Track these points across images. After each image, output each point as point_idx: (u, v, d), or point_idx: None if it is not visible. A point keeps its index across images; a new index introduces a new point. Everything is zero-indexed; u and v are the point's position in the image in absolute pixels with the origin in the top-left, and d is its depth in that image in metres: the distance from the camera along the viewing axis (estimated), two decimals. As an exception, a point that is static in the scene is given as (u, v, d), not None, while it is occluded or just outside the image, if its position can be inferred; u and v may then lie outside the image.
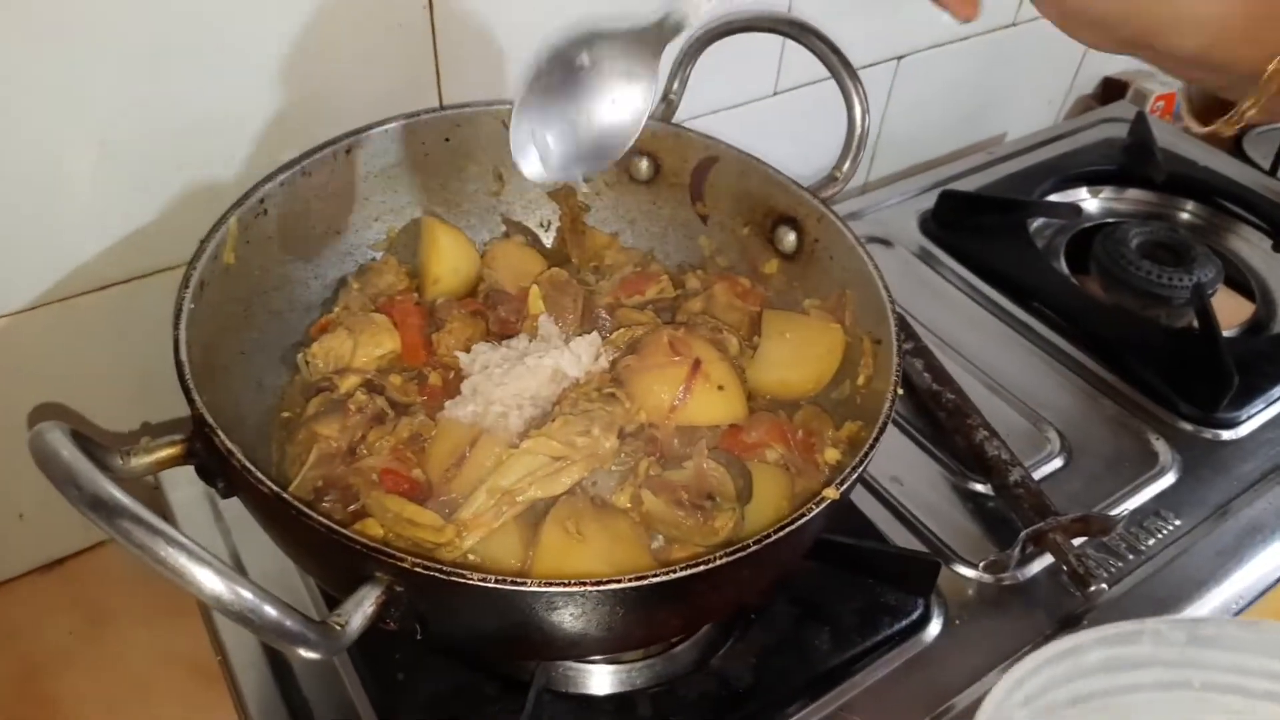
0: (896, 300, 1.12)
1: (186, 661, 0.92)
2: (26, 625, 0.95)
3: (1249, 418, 1.02)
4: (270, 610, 0.48)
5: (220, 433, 0.58)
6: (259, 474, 0.56)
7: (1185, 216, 1.35)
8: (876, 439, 0.65)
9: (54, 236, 0.81)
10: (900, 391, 0.69)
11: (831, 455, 0.76)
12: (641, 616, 0.60)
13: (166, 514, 0.88)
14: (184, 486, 0.88)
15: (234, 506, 0.80)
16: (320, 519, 0.54)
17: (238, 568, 0.83)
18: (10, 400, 0.87)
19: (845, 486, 0.62)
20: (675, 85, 0.93)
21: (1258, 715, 0.46)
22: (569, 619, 0.57)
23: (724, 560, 0.56)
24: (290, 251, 0.82)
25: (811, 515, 0.59)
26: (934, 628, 0.82)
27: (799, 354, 0.82)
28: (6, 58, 0.72)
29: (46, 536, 0.97)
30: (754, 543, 0.57)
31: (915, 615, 0.81)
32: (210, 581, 0.46)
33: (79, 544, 1.00)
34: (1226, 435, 1.01)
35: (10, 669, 0.91)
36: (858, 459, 0.64)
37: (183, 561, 0.46)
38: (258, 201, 0.77)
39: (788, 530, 0.58)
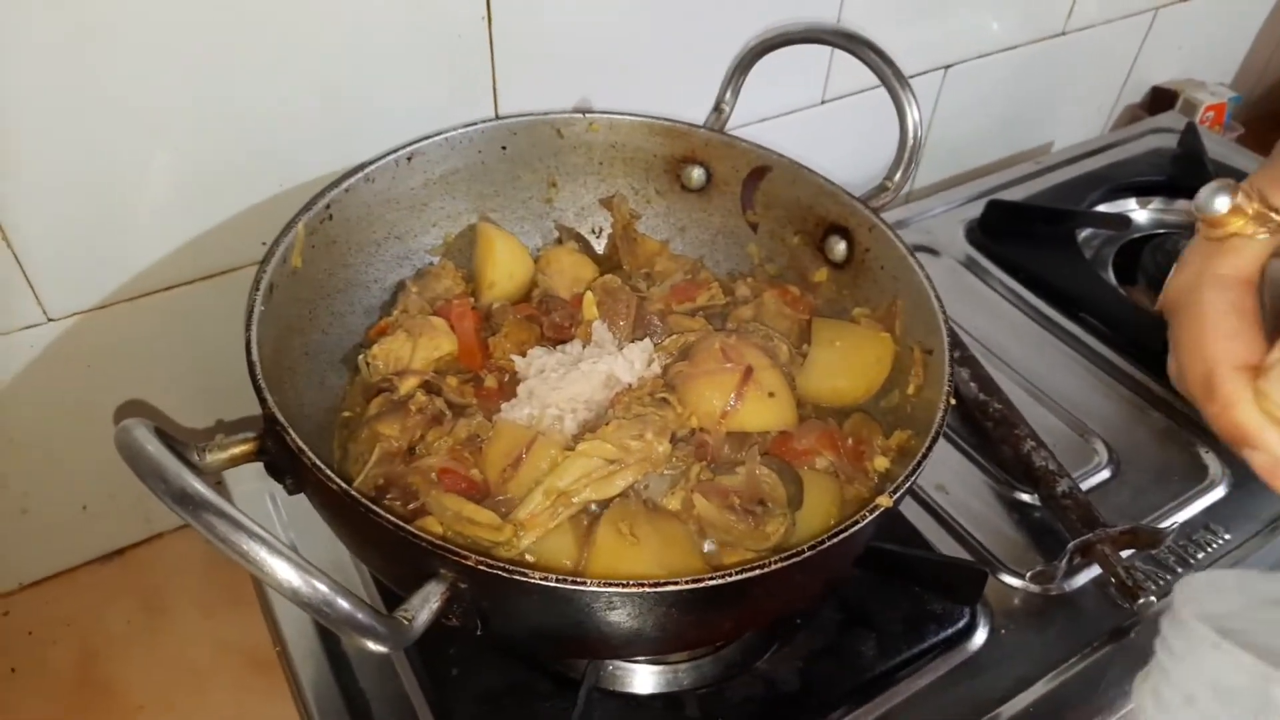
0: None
1: (241, 651, 0.94)
2: (86, 613, 0.98)
3: (1301, 431, 1.01)
4: (344, 603, 0.49)
5: (291, 431, 0.60)
6: (329, 471, 0.58)
7: (1235, 228, 1.34)
8: (930, 447, 0.66)
9: (122, 238, 0.84)
10: (953, 402, 0.69)
11: (880, 463, 0.76)
12: (694, 619, 0.61)
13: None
14: (245, 482, 0.90)
15: (290, 503, 0.83)
16: (388, 516, 0.56)
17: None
18: (76, 396, 0.90)
19: (899, 494, 0.63)
20: (728, 95, 0.95)
21: None
22: (625, 619, 0.58)
23: (778, 565, 0.57)
24: (353, 255, 0.84)
25: (865, 523, 0.60)
26: (979, 637, 0.82)
27: (849, 362, 0.83)
28: (81, 71, 0.74)
29: (107, 527, 1.00)
30: (809, 548, 0.58)
31: (961, 624, 0.82)
32: (287, 574, 0.48)
33: (138, 535, 1.03)
34: (1278, 449, 1.00)
35: (70, 655, 0.94)
36: (911, 467, 0.65)
37: (263, 555, 0.47)
38: (324, 207, 0.79)
39: (842, 536, 0.59)
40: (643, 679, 0.78)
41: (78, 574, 1.01)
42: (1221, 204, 0.55)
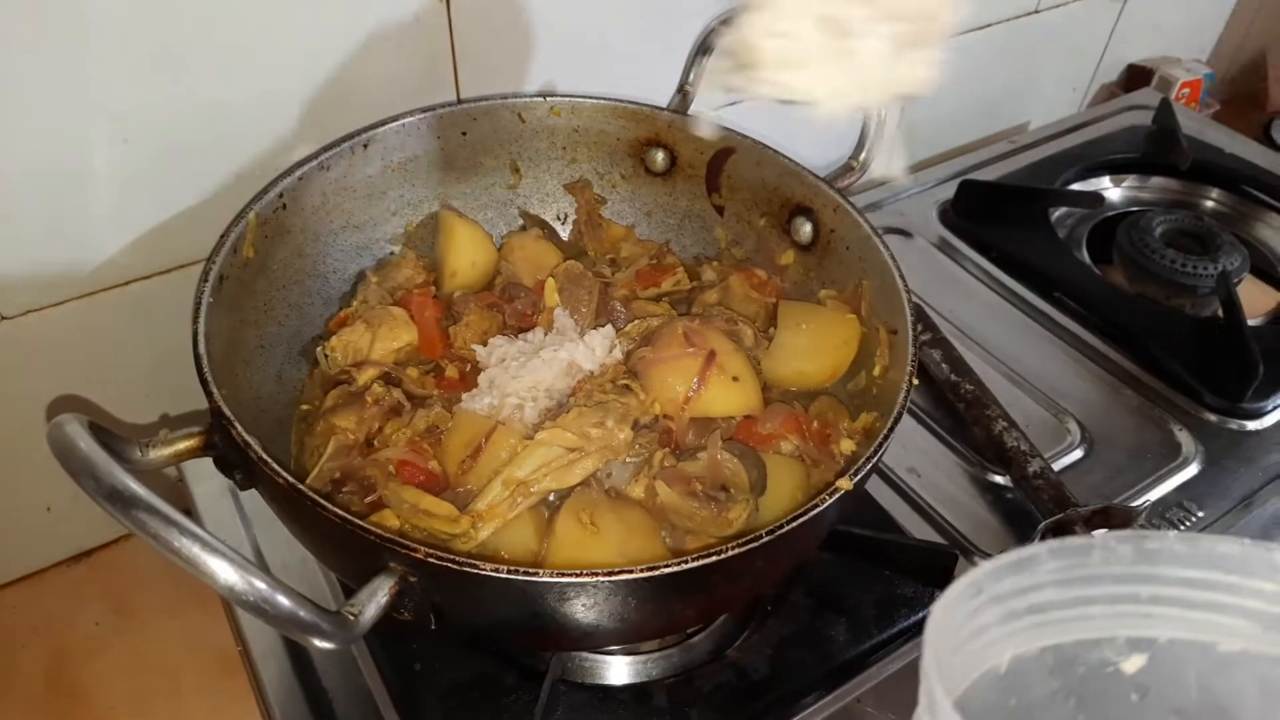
0: (915, 291, 1.12)
1: (212, 651, 0.93)
2: (56, 615, 0.97)
3: (1275, 408, 1.01)
4: (284, 600, 0.48)
5: (237, 424, 0.59)
6: (275, 465, 0.57)
7: (1210, 204, 1.33)
8: (891, 429, 0.65)
9: (77, 234, 0.83)
10: (916, 382, 0.68)
11: (847, 446, 0.75)
12: (654, 607, 0.60)
13: (190, 507, 0.89)
14: (206, 480, 0.89)
15: (256, 500, 0.81)
16: (334, 510, 0.55)
17: (259, 560, 0.84)
18: (35, 395, 0.89)
19: (859, 477, 0.62)
20: (690, 77, 0.93)
21: (1198, 624, 0.47)
22: (581, 609, 0.57)
23: (736, 551, 0.56)
24: (309, 245, 0.83)
25: (824, 507, 0.60)
26: (952, 620, 0.81)
27: (815, 345, 0.82)
28: (28, 60, 0.73)
29: (74, 528, 0.99)
30: (766, 533, 0.57)
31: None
32: (225, 572, 0.47)
33: (106, 536, 1.02)
34: (1252, 425, 1.00)
35: (39, 658, 0.94)
36: (872, 449, 0.64)
37: (197, 552, 0.46)
38: (276, 196, 0.78)
39: (800, 521, 0.58)
40: (610, 670, 0.77)
41: (45, 576, 1.00)
42: None
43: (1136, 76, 1.65)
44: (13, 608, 0.97)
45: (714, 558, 0.56)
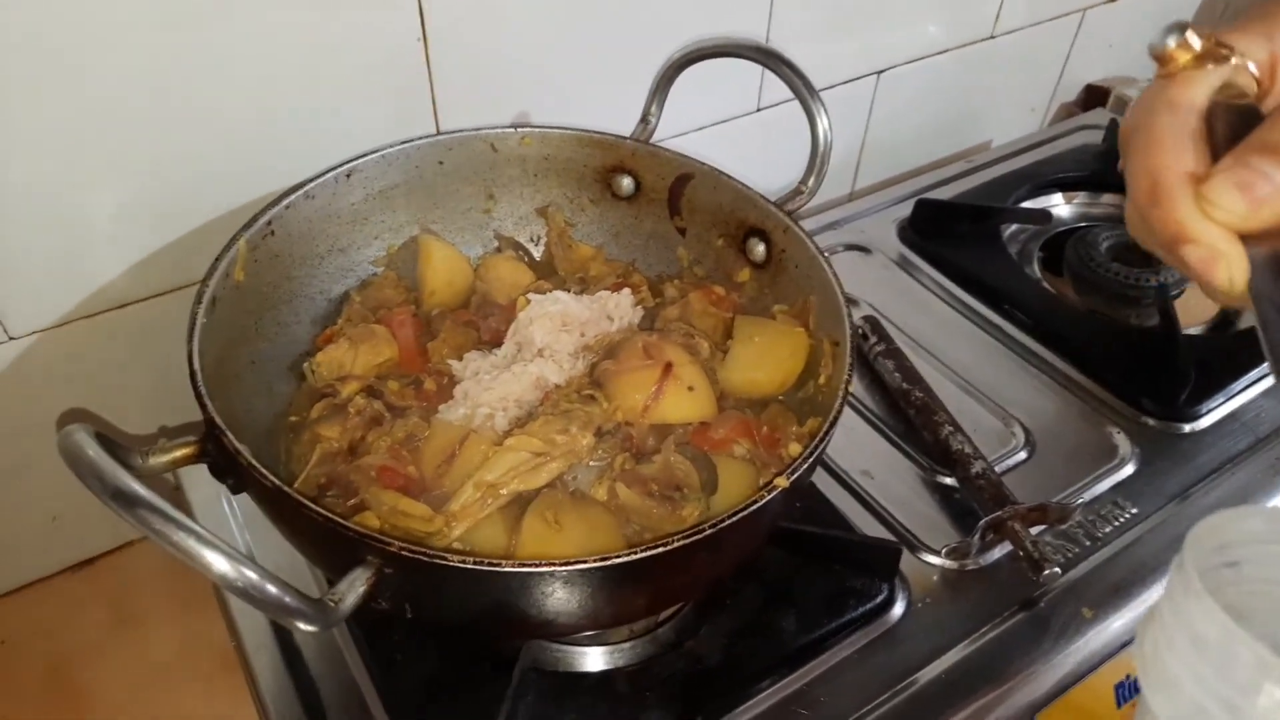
0: (873, 304, 1.18)
1: (210, 656, 0.97)
2: (58, 621, 1.01)
3: (1208, 411, 1.06)
4: (271, 588, 0.54)
5: (229, 433, 0.65)
6: (263, 469, 0.63)
7: (1157, 219, 1.39)
8: (828, 432, 0.71)
9: (78, 263, 0.88)
10: (850, 389, 0.74)
11: (795, 449, 0.81)
12: (609, 595, 0.66)
13: (187, 511, 0.94)
14: (202, 486, 0.95)
15: (248, 505, 0.87)
16: (316, 508, 0.61)
17: (251, 561, 0.89)
18: (42, 409, 0.95)
19: (795, 475, 0.68)
20: (653, 108, 0.99)
21: None
22: (541, 598, 0.63)
23: (680, 543, 0.62)
24: (296, 269, 0.89)
25: (763, 502, 0.65)
26: (898, 610, 0.87)
27: (766, 356, 0.88)
28: (33, 108, 0.79)
29: (78, 537, 1.04)
30: (709, 527, 0.63)
31: (880, 599, 0.87)
32: (218, 562, 0.53)
33: (108, 544, 1.07)
34: (1186, 428, 1.05)
35: (42, 663, 0.98)
36: (807, 449, 0.70)
37: (193, 544, 0.52)
38: (265, 223, 0.84)
39: (739, 515, 0.64)
40: (579, 659, 0.82)
41: (49, 583, 1.05)
42: (1172, 39, 0.56)
43: (1094, 96, 1.72)
44: (18, 613, 1.02)
45: (660, 549, 0.62)
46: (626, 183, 0.99)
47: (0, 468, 0.95)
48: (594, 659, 0.82)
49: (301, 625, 0.56)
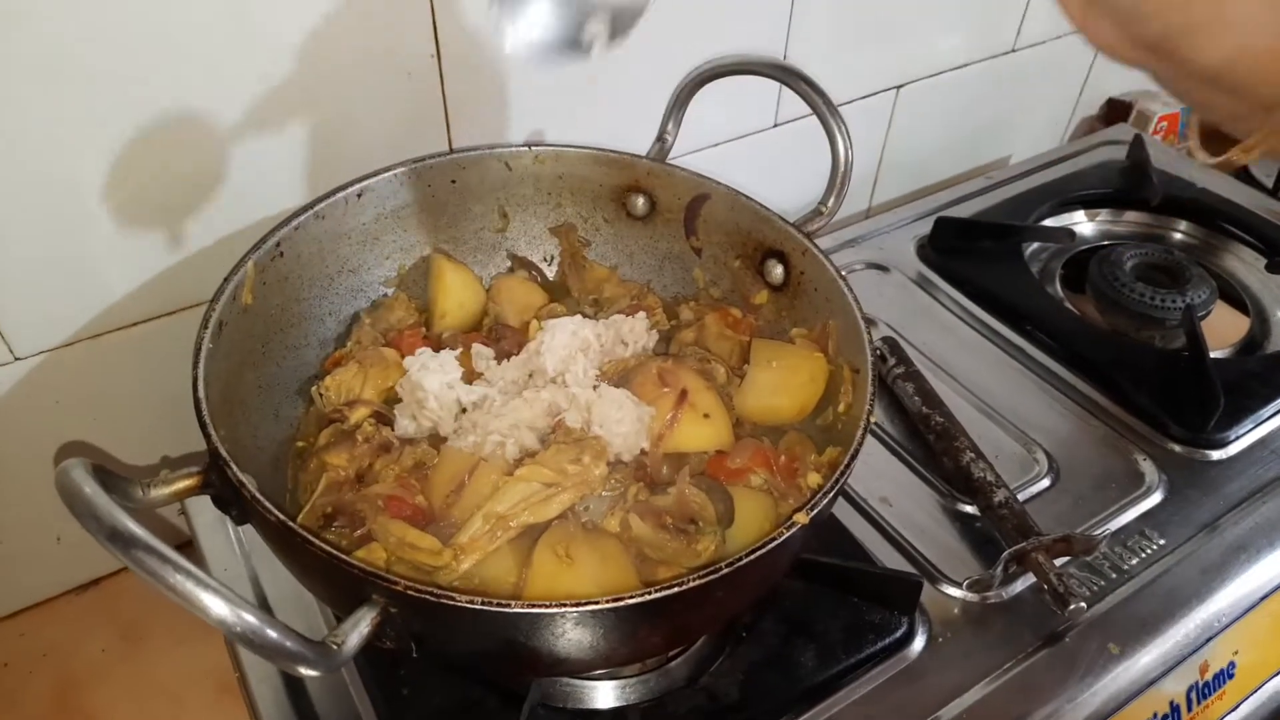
0: (891, 324, 1.16)
1: (215, 678, 0.96)
2: (63, 643, 1.01)
3: (1237, 438, 1.04)
4: (271, 633, 0.52)
5: (233, 465, 0.63)
6: (267, 503, 0.61)
7: (1180, 237, 1.37)
8: (849, 465, 0.69)
9: (86, 280, 0.87)
10: (873, 420, 0.72)
11: (814, 479, 0.79)
12: (622, 635, 0.64)
13: (191, 539, 0.93)
14: (207, 513, 0.93)
15: (253, 532, 0.86)
16: (321, 545, 0.59)
17: (257, 589, 0.88)
18: (46, 431, 0.93)
19: (815, 511, 0.66)
20: (670, 126, 0.97)
21: None
22: (552, 638, 0.61)
23: (697, 582, 0.60)
24: (305, 290, 0.88)
25: (781, 540, 0.63)
26: (918, 644, 0.85)
27: (785, 381, 0.85)
28: (37, 117, 0.77)
29: (82, 558, 1.03)
30: (726, 566, 0.61)
31: (899, 633, 0.84)
32: (216, 606, 0.51)
33: (113, 565, 1.06)
34: (1215, 455, 1.03)
35: (47, 685, 0.97)
36: (829, 483, 0.67)
37: (190, 588, 0.50)
38: (274, 245, 0.82)
39: (758, 554, 0.62)
40: (589, 694, 0.80)
41: (53, 605, 1.04)
42: None
43: (1116, 110, 1.69)
44: (23, 634, 1.01)
45: (676, 589, 0.60)
46: (641, 202, 0.98)
47: (3, 488, 0.94)
48: (605, 694, 0.80)
49: (303, 670, 0.54)
